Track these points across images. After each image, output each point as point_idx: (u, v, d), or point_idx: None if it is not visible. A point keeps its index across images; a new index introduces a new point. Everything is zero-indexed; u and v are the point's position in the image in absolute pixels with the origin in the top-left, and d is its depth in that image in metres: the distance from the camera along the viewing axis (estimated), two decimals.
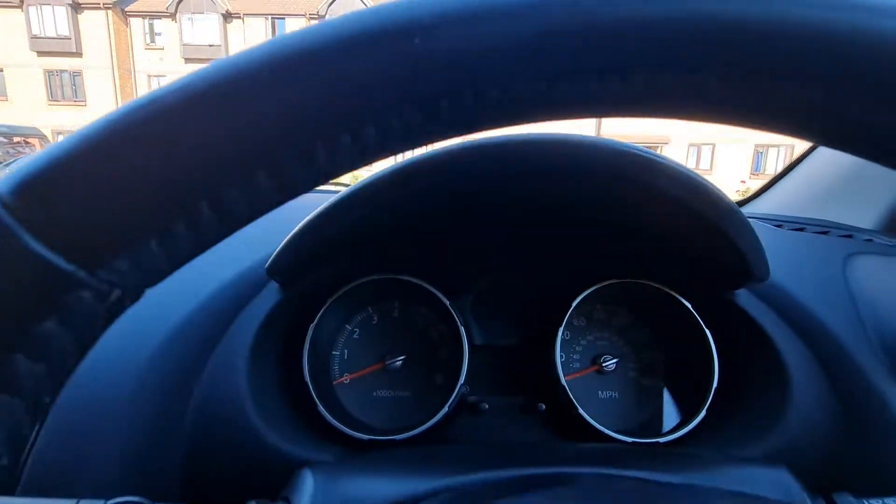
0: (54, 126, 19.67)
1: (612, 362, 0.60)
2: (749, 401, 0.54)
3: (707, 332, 0.54)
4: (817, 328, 0.52)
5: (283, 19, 22.28)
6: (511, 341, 0.63)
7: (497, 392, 0.62)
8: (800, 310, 0.53)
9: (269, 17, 22.21)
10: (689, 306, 0.55)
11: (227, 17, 21.94)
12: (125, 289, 0.15)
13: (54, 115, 21.34)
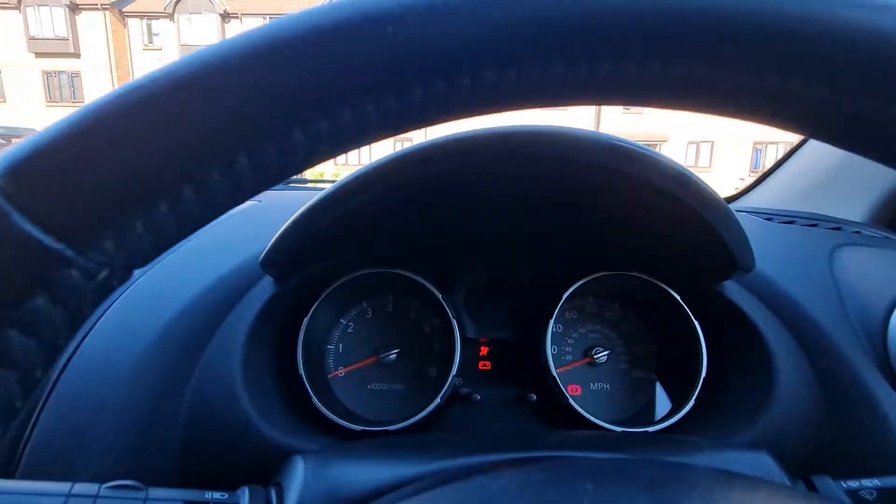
0: None
1: (603, 354, 0.61)
2: (736, 390, 0.55)
3: (696, 323, 0.55)
4: (803, 318, 0.52)
5: None
6: (504, 334, 0.64)
7: (490, 384, 0.63)
8: (786, 300, 0.54)
9: (267, 17, 22.18)
10: (678, 298, 0.56)
11: (225, 16, 21.91)
12: (113, 268, 0.16)
13: (52, 117, 21.02)
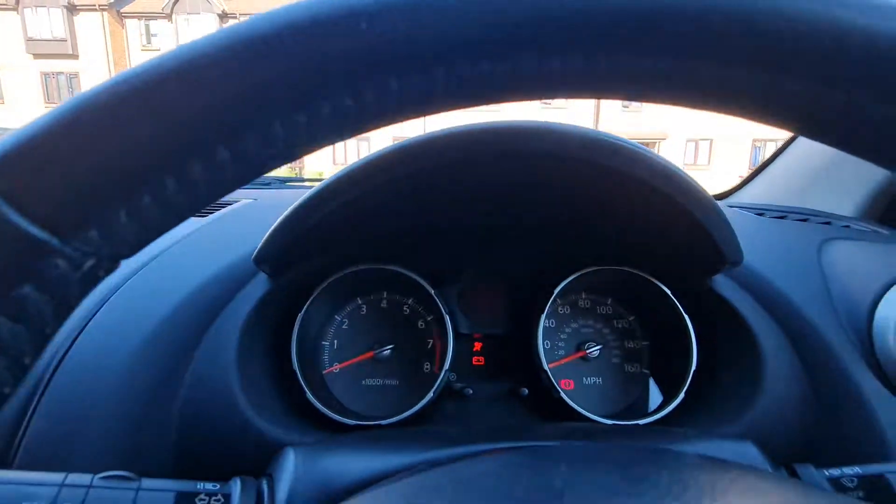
0: None
1: (596, 349, 0.62)
2: (726, 382, 0.55)
3: (686, 317, 0.56)
4: (791, 311, 0.53)
5: None
6: (497, 329, 0.65)
7: (483, 379, 0.64)
8: (775, 294, 0.54)
9: None
10: (669, 292, 0.56)
11: (223, 16, 21.89)
12: (99, 258, 0.17)
13: None
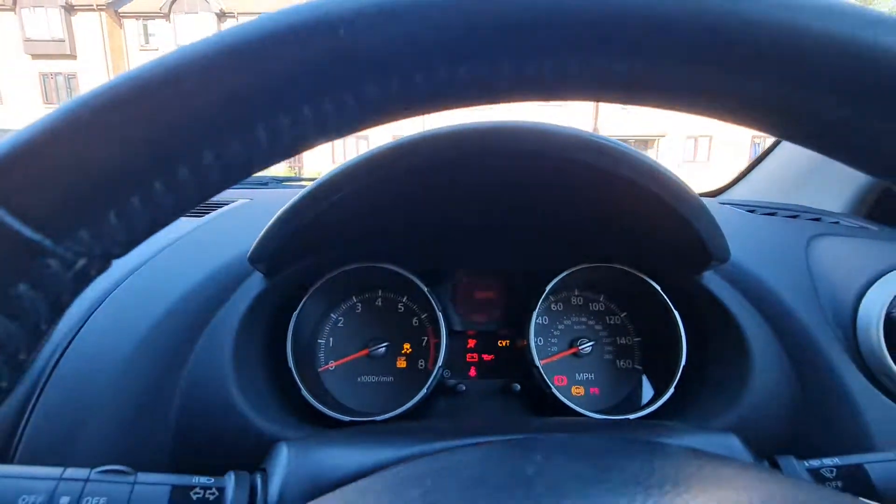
0: None
1: (588, 345, 0.63)
2: (715, 377, 0.56)
3: (675, 313, 0.56)
4: (778, 307, 0.54)
5: None
6: (490, 327, 0.66)
7: (477, 375, 0.65)
8: (763, 290, 0.55)
9: None
10: (659, 289, 0.57)
11: (221, 16, 21.86)
12: (90, 258, 0.17)
13: None
